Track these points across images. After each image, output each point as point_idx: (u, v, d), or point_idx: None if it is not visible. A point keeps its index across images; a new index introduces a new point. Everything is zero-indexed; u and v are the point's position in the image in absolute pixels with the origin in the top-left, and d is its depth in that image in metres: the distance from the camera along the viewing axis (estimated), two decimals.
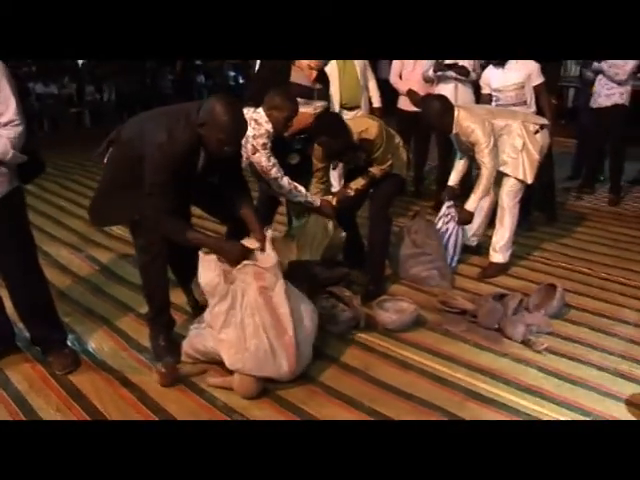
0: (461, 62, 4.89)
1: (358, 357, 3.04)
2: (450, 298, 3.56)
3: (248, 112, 3.20)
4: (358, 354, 3.07)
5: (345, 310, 3.29)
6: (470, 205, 3.78)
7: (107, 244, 4.61)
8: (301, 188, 3.44)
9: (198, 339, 2.87)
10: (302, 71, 3.74)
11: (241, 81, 13.32)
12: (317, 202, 3.50)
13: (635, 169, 6.47)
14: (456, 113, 3.72)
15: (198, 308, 3.23)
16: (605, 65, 5.41)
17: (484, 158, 3.67)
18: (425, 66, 5.10)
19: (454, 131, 3.75)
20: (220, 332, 2.71)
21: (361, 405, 2.64)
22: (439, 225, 4.03)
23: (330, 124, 3.42)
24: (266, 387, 2.73)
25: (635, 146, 6.07)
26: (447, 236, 4.01)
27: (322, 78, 3.87)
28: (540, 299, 3.51)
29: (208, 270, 2.68)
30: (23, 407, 2.61)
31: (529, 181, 3.90)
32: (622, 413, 2.61)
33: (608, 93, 5.51)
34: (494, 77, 4.56)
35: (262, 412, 2.59)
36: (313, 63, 3.68)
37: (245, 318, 2.65)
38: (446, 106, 3.74)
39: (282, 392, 2.73)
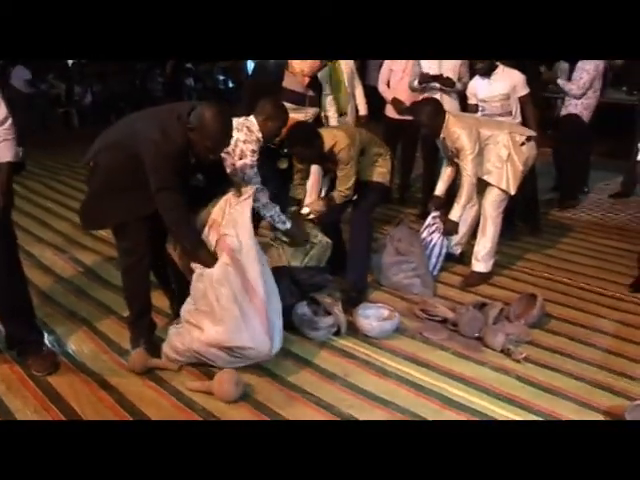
0: (446, 73, 4.94)
1: (338, 363, 3.06)
2: (431, 306, 3.57)
3: (240, 119, 3.26)
4: (338, 360, 3.09)
5: (326, 316, 3.31)
6: (454, 214, 3.81)
7: (92, 246, 4.59)
8: (276, 207, 3.44)
9: (177, 338, 2.89)
10: (295, 77, 3.76)
11: (231, 85, 13.31)
12: (287, 225, 3.49)
13: (617, 182, 6.53)
14: (446, 118, 3.76)
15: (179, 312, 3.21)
16: (561, 81, 5.55)
17: (466, 165, 3.72)
18: (412, 76, 5.14)
19: (442, 135, 3.79)
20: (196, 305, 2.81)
21: (339, 412, 2.65)
22: (424, 235, 4.04)
23: (303, 134, 3.47)
24: (246, 392, 2.73)
25: (617, 158, 6.12)
26: (431, 246, 4.03)
27: (314, 84, 3.90)
28: (520, 308, 3.54)
29: None
30: (0, 408, 2.61)
31: (512, 192, 3.92)
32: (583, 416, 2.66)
33: (567, 104, 5.71)
34: (480, 87, 4.61)
35: (240, 416, 2.60)
36: (306, 69, 3.71)
37: (215, 289, 2.72)
38: (438, 109, 3.79)
39: (261, 397, 2.75)
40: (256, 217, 3.84)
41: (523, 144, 3.92)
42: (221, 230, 2.80)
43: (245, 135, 3.27)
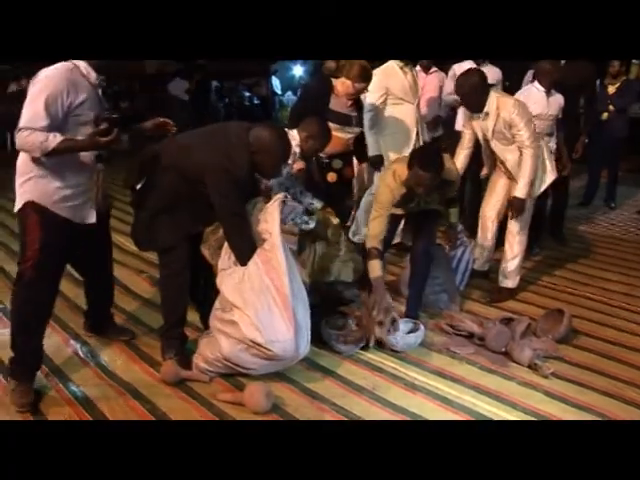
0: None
1: (366, 377, 3.08)
2: (458, 321, 3.59)
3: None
4: (366, 374, 3.11)
5: (355, 330, 3.34)
6: (521, 191, 3.71)
7: (121, 259, 4.65)
8: (298, 207, 3.49)
9: (206, 347, 2.96)
10: (340, 99, 3.86)
11: (256, 101, 13.45)
12: (311, 224, 3.47)
13: None
14: (492, 94, 3.64)
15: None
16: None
17: (526, 140, 3.60)
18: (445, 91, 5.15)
19: (485, 110, 3.64)
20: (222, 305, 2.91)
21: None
22: (450, 250, 4.04)
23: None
24: (275, 403, 2.77)
25: None
26: (456, 261, 4.06)
27: (358, 105, 4.00)
28: (547, 324, 3.54)
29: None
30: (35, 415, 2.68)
31: (535, 194, 3.92)
32: None
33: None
34: (538, 101, 4.23)
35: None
36: (350, 91, 3.78)
37: (242, 283, 2.84)
38: (483, 81, 3.64)
39: (290, 409, 2.78)
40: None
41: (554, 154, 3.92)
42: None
43: None
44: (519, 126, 3.61)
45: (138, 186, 2.98)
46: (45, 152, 2.46)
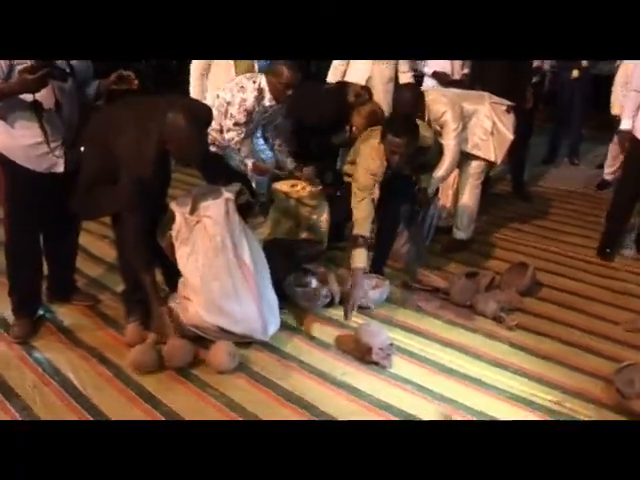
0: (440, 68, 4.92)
1: (331, 333, 3.10)
2: (423, 276, 3.62)
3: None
4: (331, 330, 3.13)
5: (320, 287, 3.34)
6: (431, 189, 3.69)
7: (84, 225, 4.55)
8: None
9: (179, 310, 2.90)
10: None
11: None
12: (249, 164, 3.53)
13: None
14: (427, 97, 3.71)
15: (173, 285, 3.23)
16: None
17: (450, 141, 3.67)
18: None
19: (426, 117, 3.69)
20: (186, 279, 2.83)
21: (334, 379, 2.72)
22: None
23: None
24: (242, 363, 2.78)
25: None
26: (421, 217, 4.04)
27: None
28: (511, 277, 3.60)
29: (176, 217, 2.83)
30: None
31: (498, 161, 3.98)
32: (588, 386, 2.73)
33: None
34: None
35: (236, 387, 2.65)
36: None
37: (206, 262, 2.78)
38: (417, 92, 3.71)
39: (257, 367, 2.80)
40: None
41: (508, 111, 3.94)
42: (201, 212, 2.83)
43: (234, 96, 3.40)
44: (444, 131, 3.67)
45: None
46: None
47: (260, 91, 3.43)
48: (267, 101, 3.47)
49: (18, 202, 2.82)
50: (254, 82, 3.42)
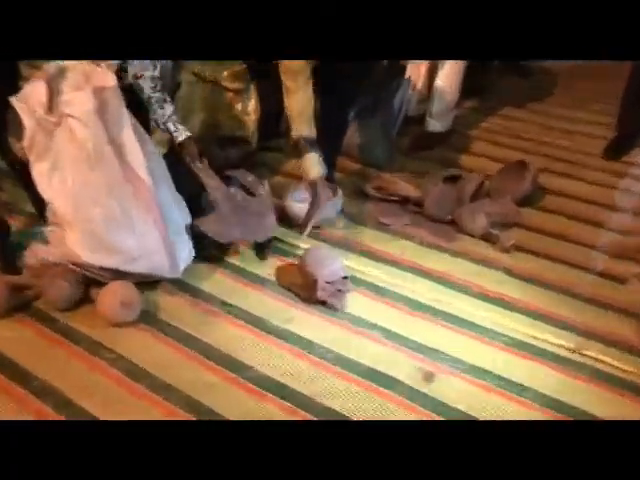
0: None
1: (268, 264, 3.00)
2: (388, 182, 3.50)
3: None
4: (267, 260, 3.04)
5: (249, 200, 3.15)
6: None
7: None
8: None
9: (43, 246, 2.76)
10: None
11: None
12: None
13: None
14: None
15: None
16: None
17: None
18: None
19: None
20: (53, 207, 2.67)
21: (274, 327, 2.64)
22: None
23: None
24: (146, 310, 2.67)
25: None
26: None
27: None
28: (506, 181, 3.49)
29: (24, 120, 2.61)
30: None
31: None
32: (616, 325, 2.66)
33: None
34: None
35: (140, 343, 2.55)
36: None
37: (78, 179, 2.63)
38: None
39: (166, 315, 2.68)
40: None
41: None
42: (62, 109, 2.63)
43: None
44: None
45: None
46: None
47: None
48: None
49: None
50: None
